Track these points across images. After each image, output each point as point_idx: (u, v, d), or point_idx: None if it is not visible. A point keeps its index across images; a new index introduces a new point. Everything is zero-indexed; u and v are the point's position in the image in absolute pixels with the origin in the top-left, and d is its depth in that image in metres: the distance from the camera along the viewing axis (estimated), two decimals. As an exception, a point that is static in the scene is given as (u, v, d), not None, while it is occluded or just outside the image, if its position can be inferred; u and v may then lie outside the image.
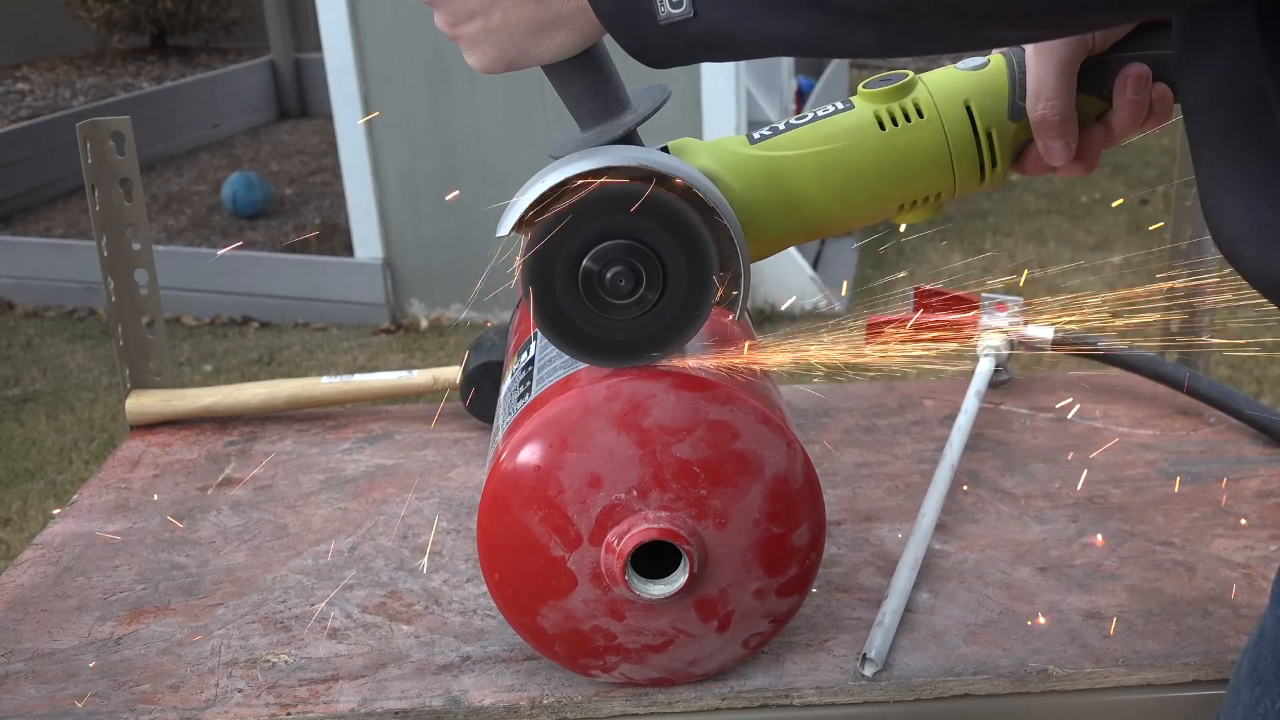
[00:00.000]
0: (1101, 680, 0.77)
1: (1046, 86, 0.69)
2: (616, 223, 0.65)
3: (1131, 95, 0.69)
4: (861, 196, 0.72)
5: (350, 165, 3.86)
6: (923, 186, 0.72)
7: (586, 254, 0.66)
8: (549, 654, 0.74)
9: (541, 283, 0.66)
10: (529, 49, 0.63)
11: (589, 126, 0.69)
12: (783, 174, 0.71)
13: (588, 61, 0.66)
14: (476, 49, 0.64)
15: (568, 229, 0.65)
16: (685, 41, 0.57)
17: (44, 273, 4.22)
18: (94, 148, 1.11)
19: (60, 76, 6.96)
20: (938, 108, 0.71)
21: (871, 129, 0.71)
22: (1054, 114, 0.70)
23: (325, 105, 3.98)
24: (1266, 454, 1.06)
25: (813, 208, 0.71)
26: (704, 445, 0.69)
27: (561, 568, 0.71)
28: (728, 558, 0.72)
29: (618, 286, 0.66)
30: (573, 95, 0.67)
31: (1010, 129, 0.72)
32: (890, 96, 0.71)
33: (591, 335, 0.68)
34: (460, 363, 1.15)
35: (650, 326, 0.68)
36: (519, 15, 0.61)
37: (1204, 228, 1.16)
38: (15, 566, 0.93)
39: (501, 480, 0.70)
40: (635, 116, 0.68)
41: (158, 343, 1.19)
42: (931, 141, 0.71)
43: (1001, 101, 0.72)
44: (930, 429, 1.13)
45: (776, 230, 0.72)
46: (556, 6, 0.61)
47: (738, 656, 0.76)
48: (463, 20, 0.63)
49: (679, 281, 0.67)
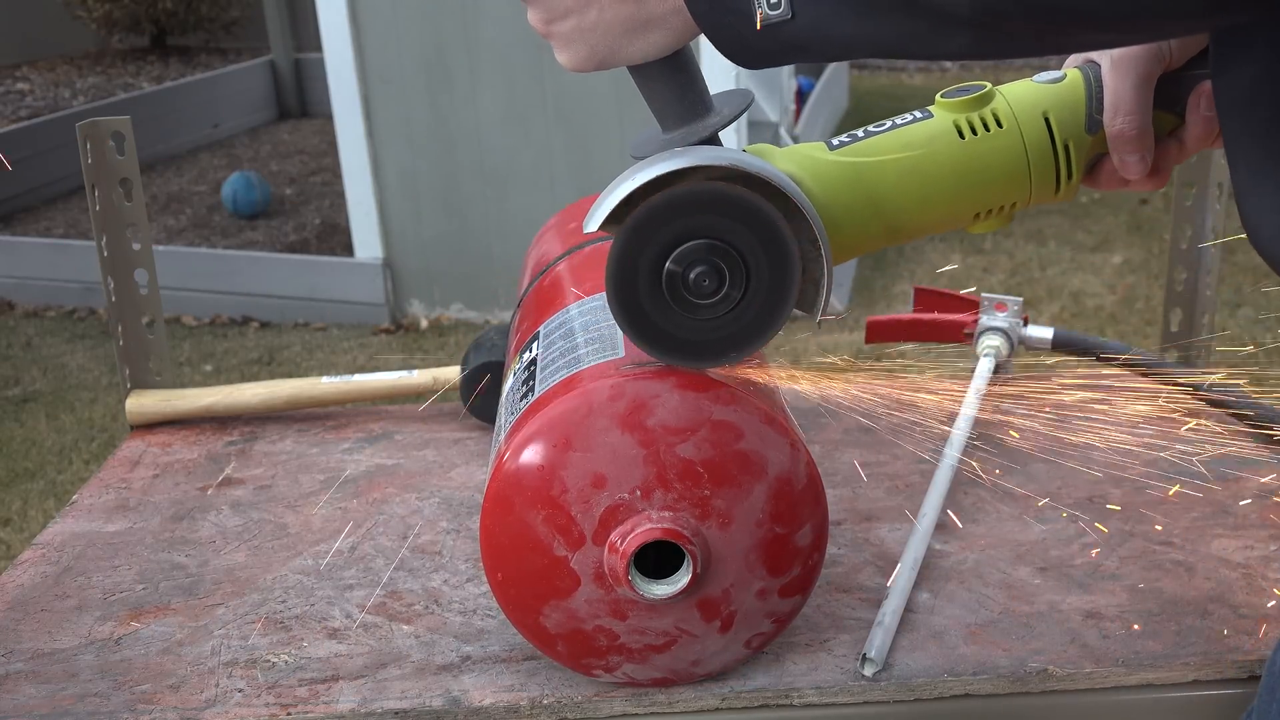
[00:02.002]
0: (1101, 680, 0.77)
1: (1124, 101, 0.70)
2: (700, 222, 0.66)
3: (1205, 112, 0.70)
4: (940, 203, 0.72)
5: (350, 165, 3.86)
6: (999, 195, 0.73)
7: (671, 254, 0.66)
8: (551, 654, 0.74)
9: (625, 283, 0.67)
10: (621, 49, 0.63)
11: (673, 127, 0.69)
12: (863, 179, 0.71)
13: (676, 63, 0.66)
14: (569, 47, 0.64)
15: (653, 230, 0.65)
16: (781, 43, 0.57)
17: (44, 273, 4.22)
18: (94, 148, 1.11)
19: (60, 76, 6.96)
20: (1016, 118, 0.72)
21: (951, 137, 0.72)
22: (1131, 128, 0.70)
23: (325, 105, 3.98)
24: (1266, 454, 1.06)
25: (892, 213, 0.72)
26: (708, 445, 0.69)
27: (565, 567, 0.71)
28: (731, 558, 0.72)
29: (701, 286, 0.66)
30: (659, 96, 0.68)
31: (1087, 142, 0.73)
32: (969, 106, 0.72)
33: (671, 335, 0.68)
34: (460, 363, 1.15)
35: (731, 326, 0.68)
36: (614, 15, 0.61)
37: (1204, 228, 1.17)
38: (15, 566, 0.93)
39: (505, 480, 0.70)
40: (720, 119, 0.68)
41: (158, 343, 1.19)
42: (1010, 151, 0.72)
43: (1079, 114, 0.72)
44: (930, 429, 1.13)
45: (856, 235, 0.72)
46: (652, 7, 0.61)
47: (740, 656, 0.76)
48: (558, 18, 0.63)
49: (761, 281, 0.67)
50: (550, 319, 0.82)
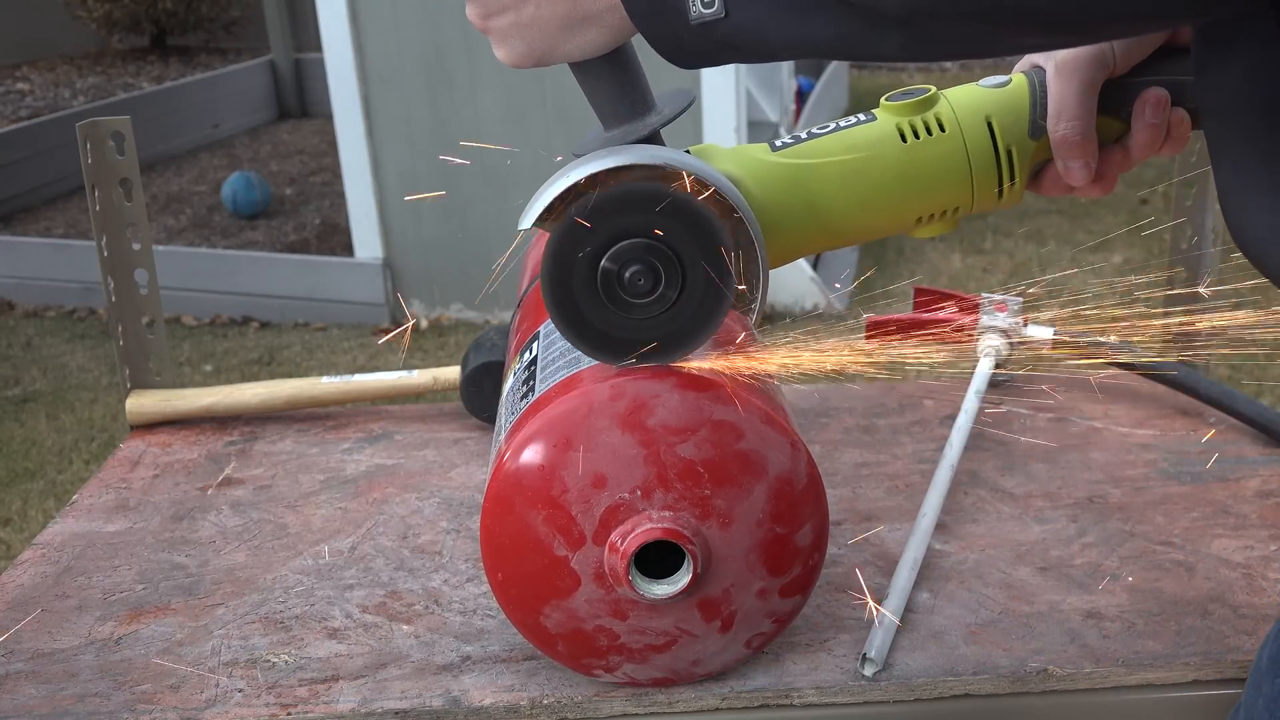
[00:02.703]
0: (1101, 680, 0.77)
1: (1068, 107, 0.70)
2: (636, 221, 0.66)
3: (1150, 119, 0.70)
4: (881, 206, 0.72)
5: (350, 165, 3.86)
6: (942, 200, 0.73)
7: (606, 252, 0.66)
8: (552, 654, 0.74)
9: (560, 280, 0.66)
10: (559, 45, 0.63)
11: (613, 125, 0.69)
12: (804, 181, 0.71)
13: (616, 60, 0.66)
14: (506, 43, 0.64)
15: (590, 226, 0.65)
16: (715, 42, 0.57)
17: (44, 273, 4.22)
18: (94, 148, 1.11)
19: (60, 76, 6.96)
20: (959, 123, 0.72)
21: (893, 140, 0.72)
22: (1075, 134, 0.70)
23: (325, 105, 3.98)
24: (1266, 454, 1.06)
25: (833, 216, 0.72)
26: (708, 445, 0.69)
27: (565, 567, 0.71)
28: (731, 558, 0.72)
29: (636, 285, 0.66)
30: (599, 94, 0.68)
31: (1030, 147, 0.72)
32: (912, 110, 0.72)
33: (606, 334, 0.68)
34: (460, 363, 1.15)
35: (667, 326, 0.68)
36: (551, 11, 0.61)
37: (1204, 228, 1.17)
38: (15, 566, 0.93)
39: (505, 480, 0.70)
40: (660, 118, 0.68)
41: (158, 343, 1.19)
42: (952, 155, 0.72)
43: (1022, 120, 0.72)
44: (930, 429, 1.13)
45: (795, 237, 0.72)
46: (588, 4, 0.61)
47: (740, 656, 0.76)
48: (495, 13, 0.63)
49: (696, 281, 0.67)
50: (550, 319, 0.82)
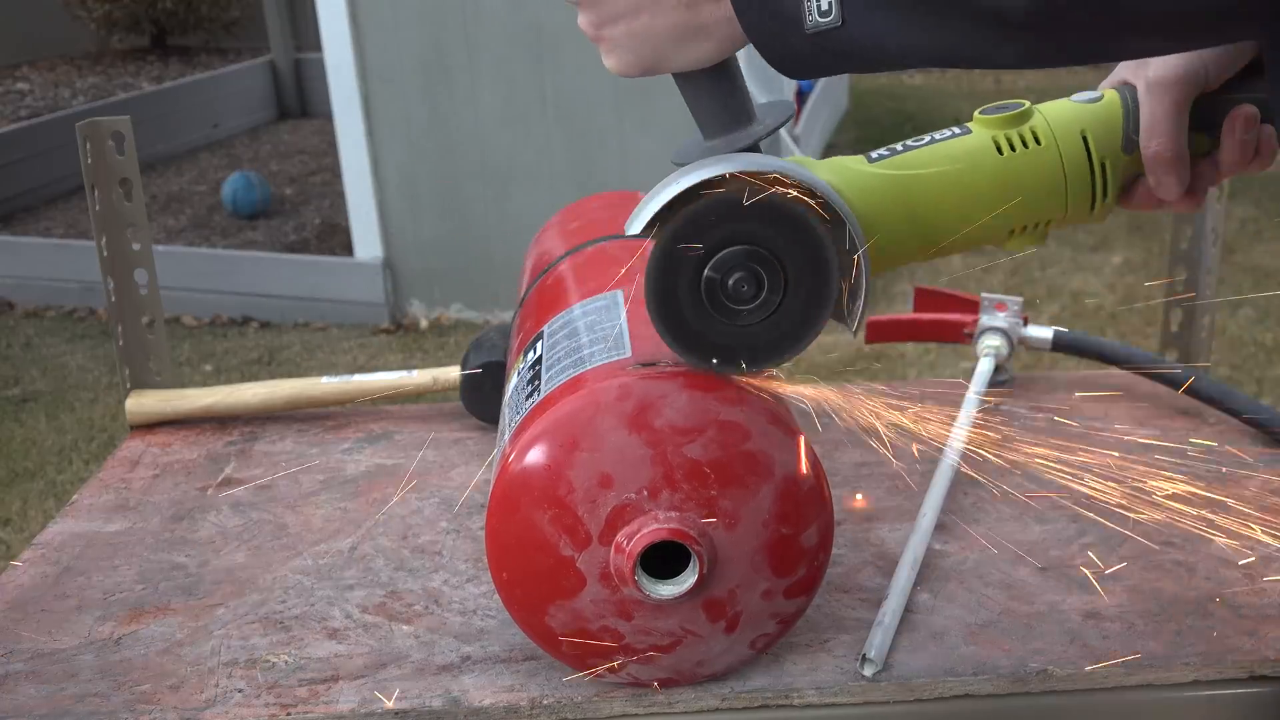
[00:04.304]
0: (1101, 680, 0.77)
1: (1160, 123, 0.71)
2: (740, 228, 0.66)
3: (1240, 136, 0.71)
4: (978, 217, 0.72)
5: (350, 165, 3.86)
6: (1036, 212, 0.73)
7: (711, 260, 0.66)
8: (556, 654, 0.74)
9: (665, 288, 0.67)
10: (669, 56, 0.63)
11: (715, 135, 0.69)
12: (903, 192, 0.71)
13: (722, 71, 0.66)
14: (617, 52, 0.64)
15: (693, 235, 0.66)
16: (830, 52, 0.57)
17: (44, 273, 4.22)
18: (94, 148, 1.11)
19: (60, 76, 6.96)
20: (1055, 136, 0.73)
21: (990, 153, 0.72)
22: (1167, 150, 0.71)
23: (325, 105, 3.98)
24: (1266, 454, 1.06)
25: (930, 226, 0.72)
26: (715, 445, 0.69)
27: (570, 567, 0.71)
28: (737, 558, 0.72)
29: (740, 292, 0.66)
30: (703, 103, 0.68)
31: (1123, 161, 0.73)
32: (1008, 123, 0.73)
33: (710, 341, 0.68)
34: (460, 363, 1.15)
35: (768, 333, 0.68)
36: (665, 22, 0.61)
37: (1204, 228, 1.17)
38: (15, 566, 0.93)
39: (511, 479, 0.70)
40: (762, 128, 0.68)
41: (158, 343, 1.19)
42: (1048, 168, 0.72)
43: (1116, 134, 0.73)
44: (930, 429, 1.13)
45: (893, 246, 0.72)
46: (703, 16, 0.61)
47: (745, 657, 0.76)
48: (608, 23, 0.63)
49: (799, 288, 0.67)
50: (554, 318, 0.82)
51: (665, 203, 0.66)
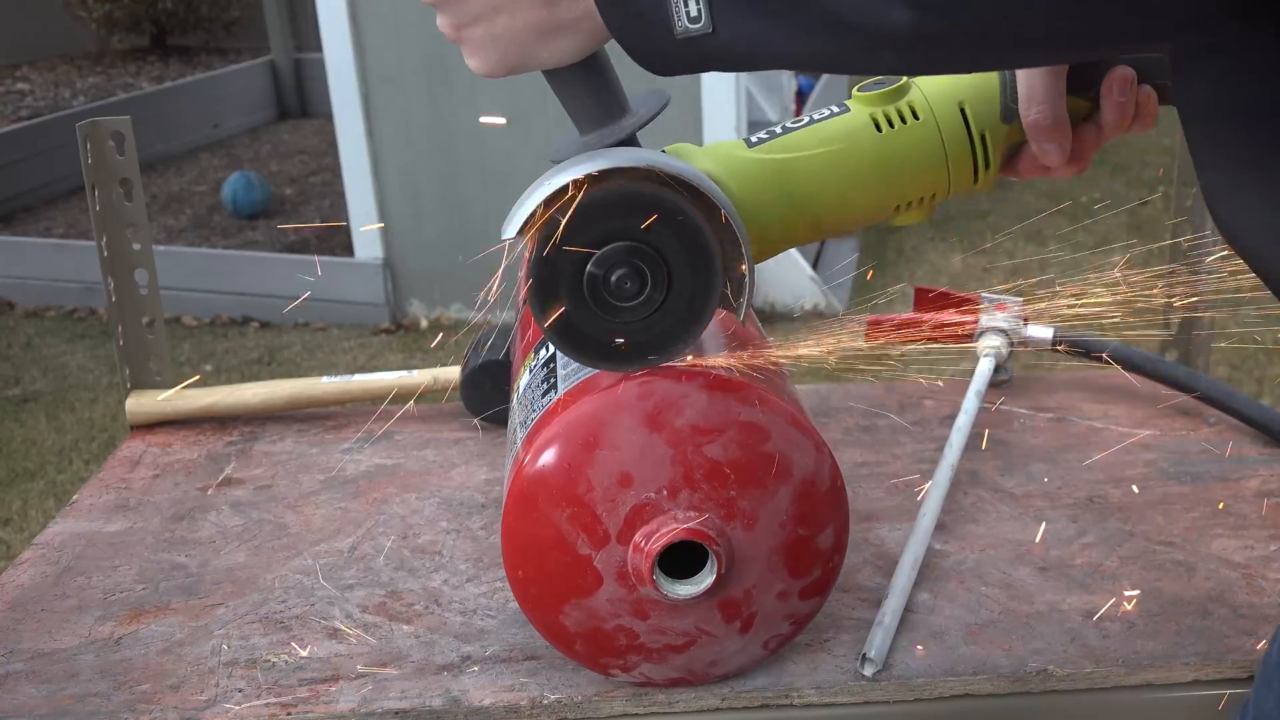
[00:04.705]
0: (1101, 680, 0.77)
1: (1037, 91, 0.70)
2: (619, 225, 0.65)
3: (1118, 98, 0.70)
4: (860, 197, 0.72)
5: (350, 165, 3.86)
6: (919, 187, 0.73)
7: (591, 258, 0.66)
8: (569, 653, 0.74)
9: (546, 288, 0.66)
10: (533, 54, 0.62)
11: (589, 130, 0.68)
12: (783, 176, 0.71)
13: (590, 66, 0.65)
14: (480, 52, 0.63)
15: (571, 234, 0.65)
16: (699, 55, 0.56)
17: (44, 273, 4.22)
18: (94, 148, 1.11)
19: (60, 76, 6.96)
20: (933, 110, 0.73)
21: (868, 131, 0.72)
22: (1046, 118, 0.71)
23: (325, 105, 3.98)
24: (1266, 454, 1.06)
25: (813, 208, 0.72)
26: (734, 446, 0.69)
27: (587, 566, 0.70)
28: (754, 559, 0.72)
29: (623, 288, 0.66)
30: (573, 99, 0.67)
31: (1003, 130, 0.73)
32: (885, 99, 0.72)
33: (596, 339, 0.68)
34: (460, 363, 1.15)
35: (654, 328, 0.68)
36: (524, 20, 0.61)
37: (1204, 228, 1.16)
38: (15, 566, 0.93)
39: (530, 477, 0.70)
40: (636, 120, 0.68)
41: (158, 343, 1.19)
42: (927, 142, 0.72)
43: (994, 104, 0.73)
44: (930, 429, 1.13)
45: (777, 231, 0.72)
46: (563, 12, 0.60)
47: (757, 658, 0.76)
48: (467, 24, 0.62)
49: (683, 282, 0.67)
50: None
51: (538, 204, 0.65)
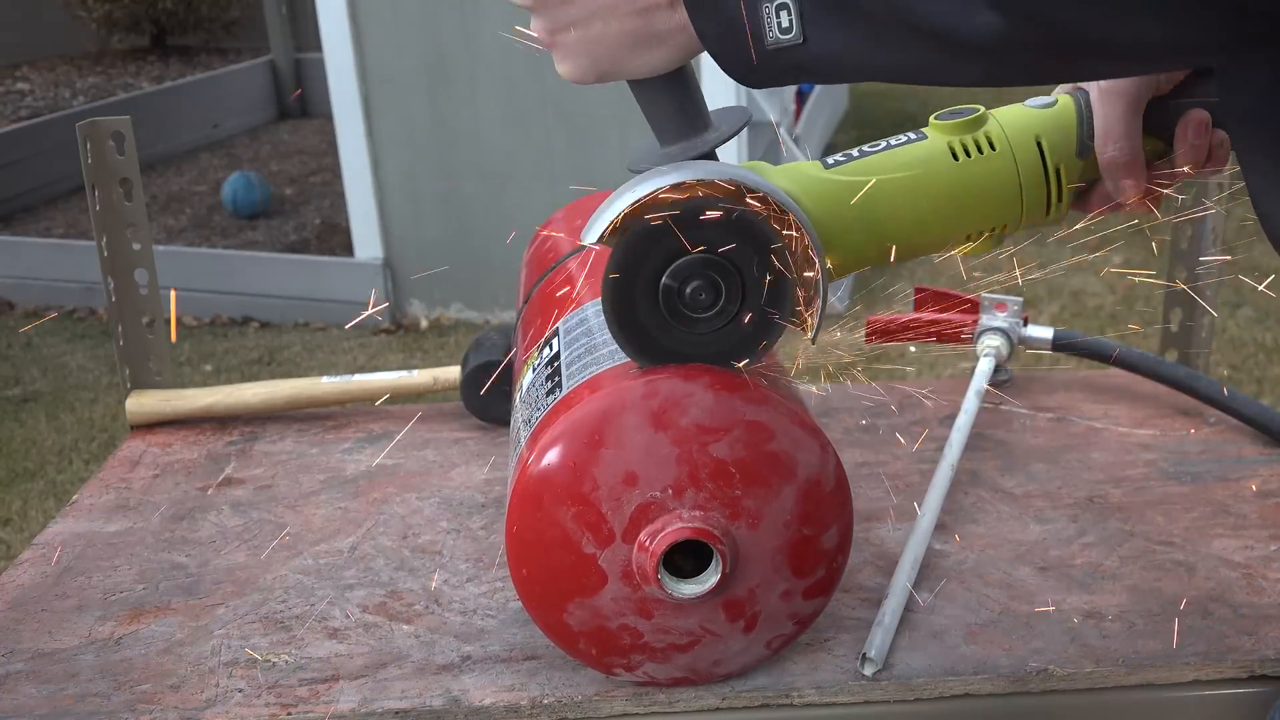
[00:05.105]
0: (1101, 680, 0.77)
1: (1115, 129, 0.71)
2: (696, 237, 0.66)
3: (1192, 140, 0.71)
4: (933, 223, 0.73)
5: (350, 165, 3.86)
6: (992, 217, 0.74)
7: (668, 268, 0.66)
8: (573, 652, 0.74)
9: (623, 297, 0.67)
10: (624, 63, 0.63)
11: (671, 142, 0.69)
12: (858, 198, 0.71)
13: (677, 78, 0.66)
14: (571, 58, 0.63)
15: (650, 243, 0.66)
16: (790, 67, 0.57)
17: (44, 273, 4.22)
18: (94, 148, 1.11)
19: (60, 76, 6.96)
20: (1009, 141, 0.73)
21: (945, 159, 0.72)
22: (1123, 155, 0.71)
23: (325, 105, 3.98)
24: (1266, 454, 1.06)
25: (886, 232, 0.72)
26: (740, 445, 0.69)
27: (592, 565, 0.71)
28: (758, 558, 0.72)
29: (697, 300, 0.67)
30: (658, 110, 0.67)
31: (1077, 166, 0.74)
32: (963, 129, 0.73)
33: (669, 349, 0.69)
34: (460, 362, 1.15)
35: (725, 341, 0.69)
36: (620, 29, 0.61)
37: (1204, 228, 1.17)
38: (15, 566, 0.93)
39: (534, 475, 0.70)
40: (718, 135, 0.68)
41: (158, 343, 1.19)
42: (1003, 173, 0.73)
43: (1070, 139, 0.73)
44: (930, 429, 1.13)
45: (849, 252, 0.72)
46: (659, 23, 0.60)
47: (761, 657, 0.76)
48: (562, 29, 0.62)
49: (756, 296, 0.67)
50: (569, 315, 0.82)
51: (621, 212, 0.65)
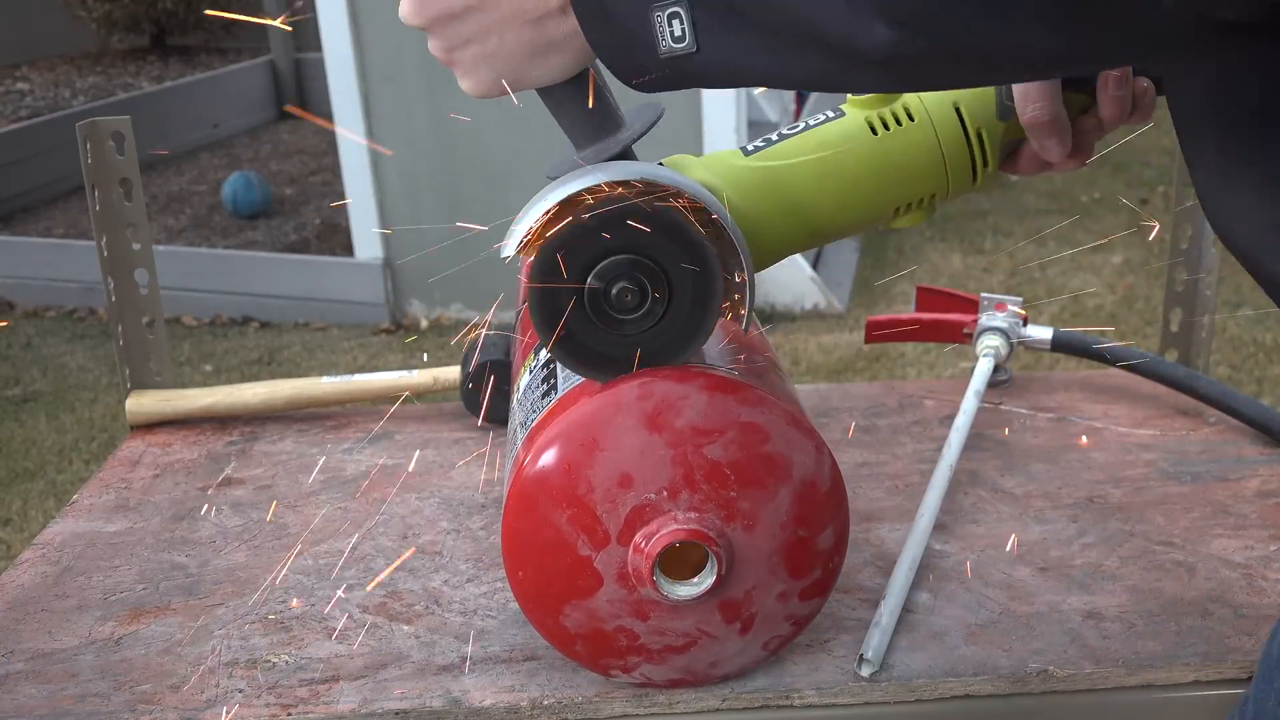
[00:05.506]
0: (1101, 680, 0.77)
1: (1033, 89, 0.71)
2: (618, 239, 0.66)
3: (1114, 92, 0.71)
4: (858, 201, 0.72)
5: (350, 165, 3.86)
6: (917, 188, 0.73)
7: (591, 272, 0.66)
8: (569, 653, 0.74)
9: (547, 303, 0.67)
10: (524, 73, 0.63)
11: (584, 146, 0.69)
12: (780, 183, 0.71)
13: (581, 83, 0.65)
14: (472, 74, 0.64)
15: (571, 249, 0.65)
16: (683, 74, 0.57)
17: (44, 273, 4.22)
18: (94, 148, 1.11)
19: (60, 76, 6.95)
20: (927, 110, 0.73)
21: (864, 134, 0.72)
22: (1045, 114, 0.71)
23: (325, 105, 3.98)
24: (1266, 454, 1.06)
25: (812, 215, 0.72)
26: (734, 447, 0.69)
27: (588, 567, 0.71)
28: (754, 560, 0.72)
29: (624, 301, 0.66)
30: (567, 116, 0.67)
31: (999, 128, 0.73)
32: (879, 102, 0.72)
33: (598, 352, 0.68)
34: (460, 363, 1.15)
35: (656, 340, 0.68)
36: (515, 40, 0.61)
37: (1204, 228, 1.17)
38: (15, 566, 0.93)
39: (530, 478, 0.70)
40: (630, 134, 0.68)
41: (158, 343, 1.19)
42: (924, 144, 0.72)
43: (989, 102, 0.73)
44: (930, 429, 1.13)
45: (777, 239, 0.72)
46: (551, 31, 0.60)
47: (758, 659, 0.76)
48: (459, 46, 0.63)
49: (684, 293, 0.67)
50: None
51: (535, 221, 0.66)
